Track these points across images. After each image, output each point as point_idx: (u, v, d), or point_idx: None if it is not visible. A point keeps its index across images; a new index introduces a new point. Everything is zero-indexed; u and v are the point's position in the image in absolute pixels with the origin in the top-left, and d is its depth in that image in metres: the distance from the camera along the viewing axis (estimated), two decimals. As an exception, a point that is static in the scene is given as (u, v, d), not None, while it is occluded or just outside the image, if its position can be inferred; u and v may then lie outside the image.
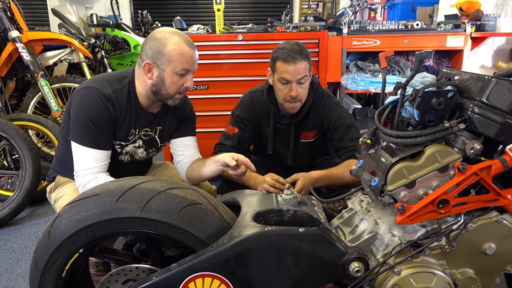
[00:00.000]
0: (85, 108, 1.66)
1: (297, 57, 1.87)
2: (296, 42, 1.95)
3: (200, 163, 1.87)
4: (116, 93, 1.70)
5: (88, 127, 1.66)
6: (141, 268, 1.29)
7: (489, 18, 3.60)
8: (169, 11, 8.26)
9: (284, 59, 1.89)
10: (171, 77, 1.68)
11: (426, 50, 1.18)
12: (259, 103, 2.15)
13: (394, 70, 3.32)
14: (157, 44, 1.65)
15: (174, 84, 1.70)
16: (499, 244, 1.20)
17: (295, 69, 1.88)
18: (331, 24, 3.37)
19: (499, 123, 1.09)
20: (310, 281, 1.21)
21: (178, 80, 1.70)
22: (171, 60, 1.65)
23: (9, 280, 2.18)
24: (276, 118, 2.14)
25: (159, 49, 1.65)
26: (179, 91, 1.74)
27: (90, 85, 1.69)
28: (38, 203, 3.16)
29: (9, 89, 3.96)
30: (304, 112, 2.07)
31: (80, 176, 1.68)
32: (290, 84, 1.92)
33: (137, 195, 1.20)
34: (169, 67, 1.66)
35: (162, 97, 1.74)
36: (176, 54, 1.65)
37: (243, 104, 2.18)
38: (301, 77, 1.90)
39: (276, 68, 1.94)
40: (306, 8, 7.87)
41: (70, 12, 5.66)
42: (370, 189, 1.29)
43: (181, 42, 1.66)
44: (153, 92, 1.72)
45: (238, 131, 2.14)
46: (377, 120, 1.33)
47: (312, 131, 2.15)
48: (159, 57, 1.65)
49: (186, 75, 1.71)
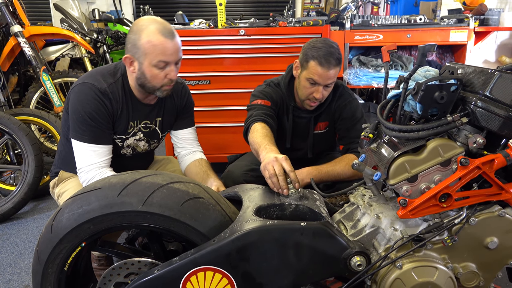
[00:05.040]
0: (81, 105, 1.65)
1: (332, 62, 1.83)
2: (332, 43, 1.89)
3: (203, 176, 1.85)
4: (111, 87, 1.69)
5: (87, 123, 1.65)
6: (143, 261, 1.29)
7: (493, 13, 3.57)
8: (171, 6, 8.24)
9: (319, 61, 1.84)
10: (150, 70, 1.63)
11: (429, 43, 1.17)
12: (278, 96, 2.08)
13: (397, 65, 3.30)
14: (134, 37, 1.61)
15: (155, 77, 1.65)
16: (502, 238, 1.20)
17: (327, 74, 1.85)
18: (333, 18, 3.36)
19: (502, 117, 1.08)
20: (312, 275, 1.21)
21: (159, 72, 1.64)
22: (146, 53, 1.60)
23: (12, 274, 2.20)
24: (296, 112, 2.11)
25: (134, 42, 1.61)
26: (164, 83, 1.68)
27: (85, 81, 1.68)
28: (41, 197, 3.17)
29: (12, 84, 3.97)
30: (325, 106, 2.07)
31: (84, 172, 1.68)
32: (317, 86, 1.89)
33: (139, 189, 1.20)
34: (146, 60, 1.61)
35: (149, 90, 1.71)
36: (150, 46, 1.58)
37: (265, 91, 2.07)
38: (331, 82, 1.89)
39: (308, 66, 1.88)
40: (309, 3, 7.84)
41: (72, 7, 5.67)
42: (372, 183, 1.29)
43: (156, 33, 1.58)
44: (139, 85, 1.70)
45: (271, 103, 2.02)
46: (379, 114, 1.32)
47: (324, 122, 2.14)
48: (135, 50, 1.61)
49: (166, 66, 1.65)
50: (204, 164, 1.95)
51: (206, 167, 1.93)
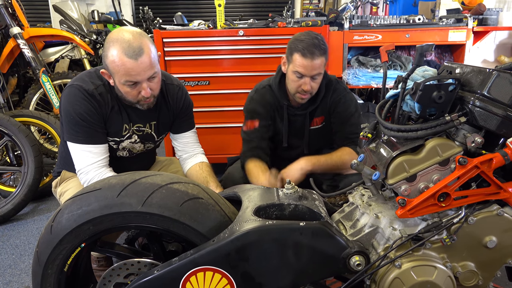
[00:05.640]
0: (72, 106, 1.66)
1: (316, 53, 1.84)
2: (316, 35, 1.90)
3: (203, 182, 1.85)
4: (99, 88, 1.69)
5: (79, 124, 1.66)
6: (143, 262, 1.30)
7: (492, 12, 3.58)
8: (170, 7, 8.24)
9: (302, 52, 1.85)
10: (122, 88, 1.62)
11: (427, 43, 1.18)
12: (271, 98, 2.11)
13: (395, 65, 3.30)
14: (104, 53, 1.58)
15: (129, 94, 1.64)
16: (500, 237, 1.20)
17: (311, 65, 1.85)
18: (332, 19, 3.36)
19: (500, 116, 1.09)
20: (311, 274, 1.22)
21: (131, 90, 1.61)
22: (113, 72, 1.59)
23: (12, 275, 2.20)
24: (290, 111, 2.11)
25: (104, 59, 1.59)
26: (139, 99, 1.66)
27: (73, 83, 1.69)
28: (41, 199, 3.18)
29: (11, 86, 3.97)
30: (318, 101, 2.07)
31: (84, 174, 1.68)
32: (304, 78, 1.90)
33: (139, 189, 1.20)
34: (116, 78, 1.60)
35: (129, 103, 1.71)
36: (115, 66, 1.55)
37: (255, 99, 2.12)
38: (316, 73, 1.89)
39: (292, 59, 1.90)
40: (308, 3, 7.84)
41: (72, 8, 5.67)
42: (371, 183, 1.29)
43: (119, 53, 1.52)
44: (120, 98, 1.71)
45: (259, 121, 2.08)
46: (378, 114, 1.33)
47: (320, 117, 2.15)
48: (106, 66, 1.61)
49: (137, 84, 1.60)
50: (204, 168, 1.94)
51: (206, 172, 1.92)
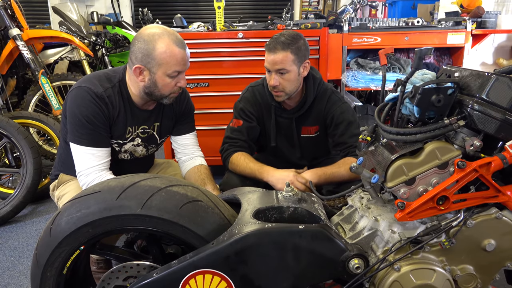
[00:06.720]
0: (78, 108, 1.66)
1: (277, 47, 1.88)
2: (290, 33, 1.94)
3: (200, 184, 1.85)
4: (108, 91, 1.70)
5: (84, 127, 1.66)
6: (142, 265, 1.29)
7: (490, 15, 3.59)
8: (169, 9, 8.25)
9: (267, 48, 1.92)
10: (163, 80, 1.66)
11: (426, 47, 1.18)
12: (261, 96, 2.15)
13: (394, 68, 3.31)
14: (146, 47, 1.61)
15: (167, 86, 1.68)
16: (499, 240, 1.20)
17: (273, 59, 1.89)
18: (331, 21, 3.37)
19: (499, 120, 1.09)
20: (310, 277, 1.22)
21: (171, 81, 1.67)
22: (162, 64, 1.62)
23: (11, 278, 2.19)
24: (277, 112, 2.13)
25: (148, 52, 1.61)
26: (173, 91, 1.72)
27: (81, 85, 1.69)
28: (39, 200, 3.17)
29: (10, 87, 3.97)
30: (305, 108, 2.07)
31: (84, 176, 1.68)
32: (271, 73, 1.94)
33: (138, 192, 1.20)
34: (160, 70, 1.63)
35: (156, 98, 1.73)
36: (167, 57, 1.61)
37: (246, 98, 2.18)
38: (279, 68, 1.90)
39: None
40: (307, 5, 7.86)
41: (71, 10, 5.67)
42: (370, 186, 1.29)
43: (171, 43, 1.61)
44: (146, 94, 1.72)
45: (243, 122, 2.14)
46: (377, 117, 1.33)
47: (314, 126, 2.14)
48: (148, 60, 1.62)
49: (179, 75, 1.69)
50: (203, 171, 1.95)
51: (204, 174, 1.93)
